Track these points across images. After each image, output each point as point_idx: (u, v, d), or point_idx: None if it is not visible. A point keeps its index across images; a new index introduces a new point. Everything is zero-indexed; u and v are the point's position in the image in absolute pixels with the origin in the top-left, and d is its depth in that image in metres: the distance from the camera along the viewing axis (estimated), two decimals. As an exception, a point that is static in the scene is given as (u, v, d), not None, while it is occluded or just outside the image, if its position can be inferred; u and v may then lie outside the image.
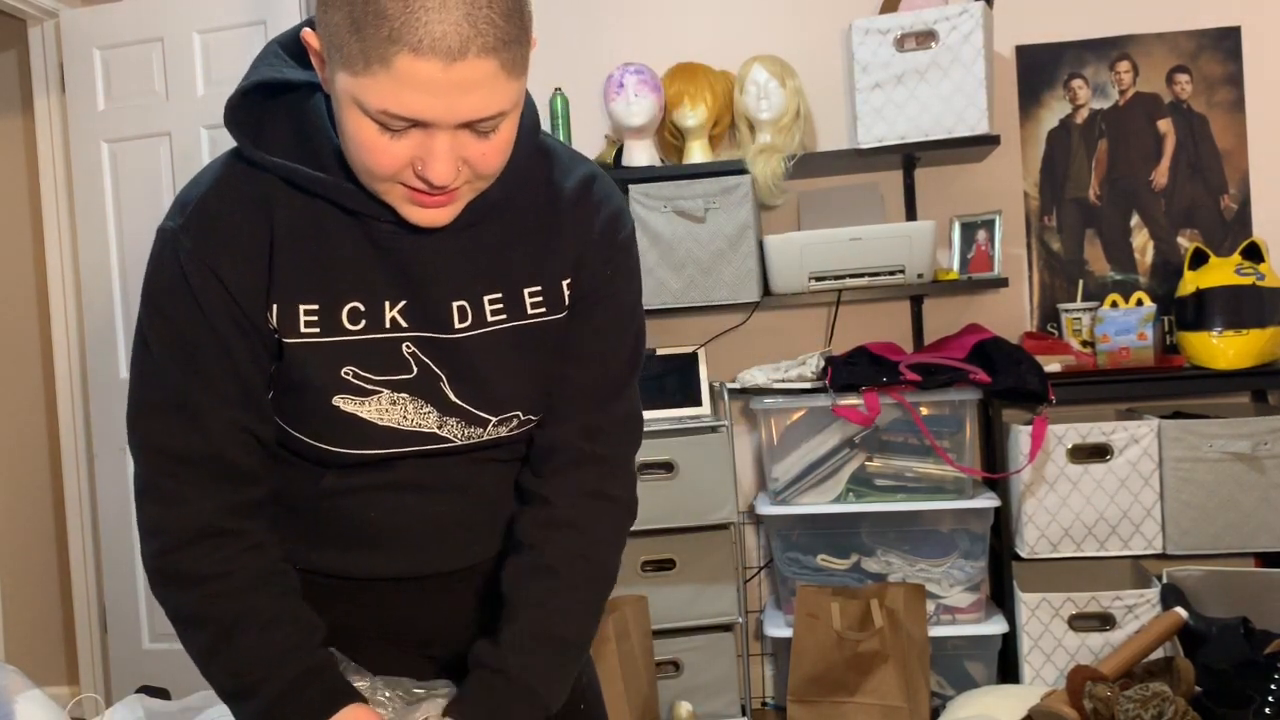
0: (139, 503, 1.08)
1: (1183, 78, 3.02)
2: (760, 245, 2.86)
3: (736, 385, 2.88)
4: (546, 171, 1.11)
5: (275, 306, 1.03)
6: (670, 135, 3.06)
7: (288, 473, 1.14)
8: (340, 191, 1.02)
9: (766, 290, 2.89)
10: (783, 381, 2.80)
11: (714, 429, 2.85)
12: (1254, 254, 2.77)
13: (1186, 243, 3.02)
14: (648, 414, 2.84)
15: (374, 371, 1.06)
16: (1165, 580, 2.67)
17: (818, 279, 2.81)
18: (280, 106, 1.05)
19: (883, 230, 2.79)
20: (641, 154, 2.96)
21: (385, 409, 1.07)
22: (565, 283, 1.11)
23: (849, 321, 3.15)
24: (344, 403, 1.06)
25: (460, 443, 1.11)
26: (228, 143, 3.66)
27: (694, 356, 3.01)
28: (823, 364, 2.78)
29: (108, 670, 3.39)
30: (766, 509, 2.80)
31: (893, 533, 2.79)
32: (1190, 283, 2.78)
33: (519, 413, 1.12)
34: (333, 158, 1.02)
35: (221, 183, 1.05)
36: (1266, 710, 2.25)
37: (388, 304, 1.05)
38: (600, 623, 1.16)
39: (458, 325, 1.07)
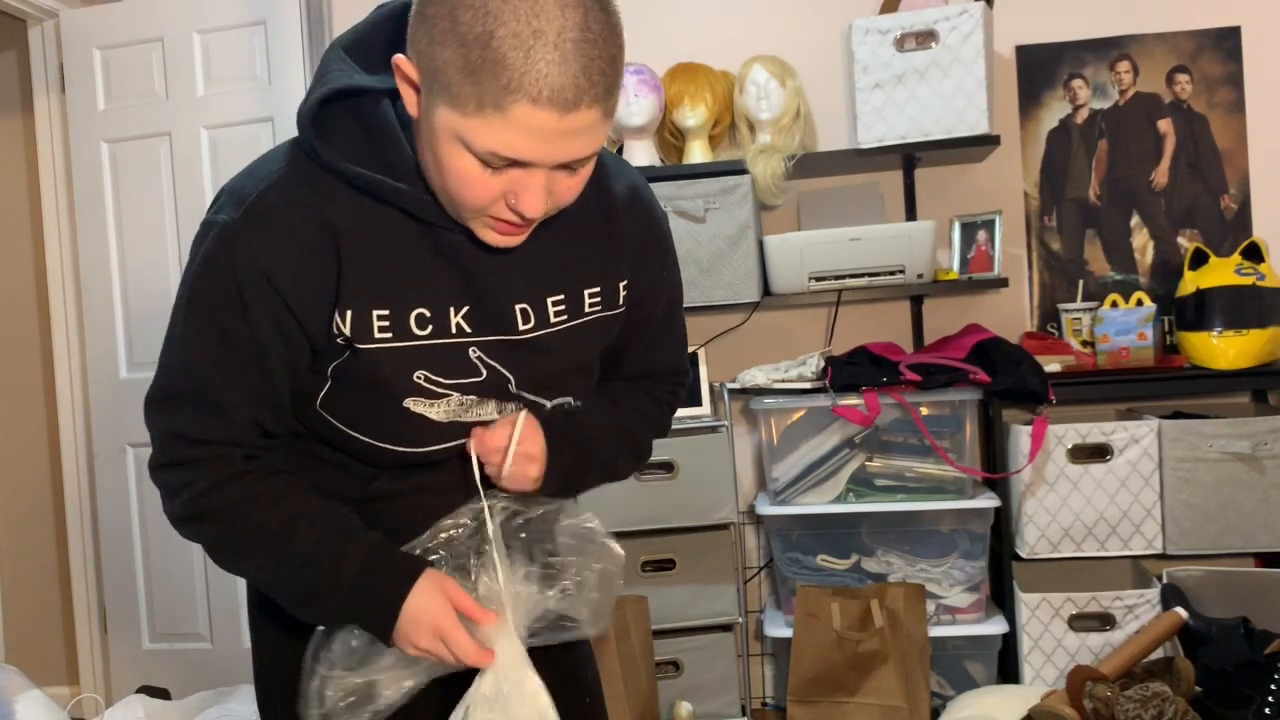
0: (158, 472, 1.10)
1: (1183, 78, 3.02)
2: (760, 245, 2.86)
3: (736, 385, 2.88)
4: (598, 178, 1.16)
5: (349, 313, 1.05)
6: (670, 135, 3.06)
7: (336, 475, 1.16)
8: (419, 204, 1.04)
9: (766, 290, 2.89)
10: (783, 381, 2.80)
11: (714, 429, 2.85)
12: (1254, 254, 2.77)
13: (1186, 243, 3.02)
14: (648, 414, 2.84)
15: (445, 375, 1.09)
16: (1165, 580, 2.67)
17: (818, 279, 2.81)
18: (345, 111, 1.05)
19: (883, 230, 2.79)
20: (641, 154, 2.96)
21: (453, 410, 1.11)
22: (622, 284, 1.19)
23: (849, 321, 3.15)
24: (414, 405, 1.09)
25: None
26: (228, 143, 3.63)
27: (694, 356, 3.01)
28: (823, 364, 2.78)
29: (108, 670, 3.39)
30: (766, 509, 2.79)
31: (893, 533, 2.79)
32: (1190, 283, 2.77)
33: (570, 399, 1.20)
34: (407, 168, 1.03)
35: (284, 181, 1.04)
36: (1266, 710, 2.25)
37: (452, 310, 1.08)
38: (622, 472, 1.31)
39: (522, 327, 1.11)
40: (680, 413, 2.96)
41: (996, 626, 2.72)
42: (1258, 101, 3.01)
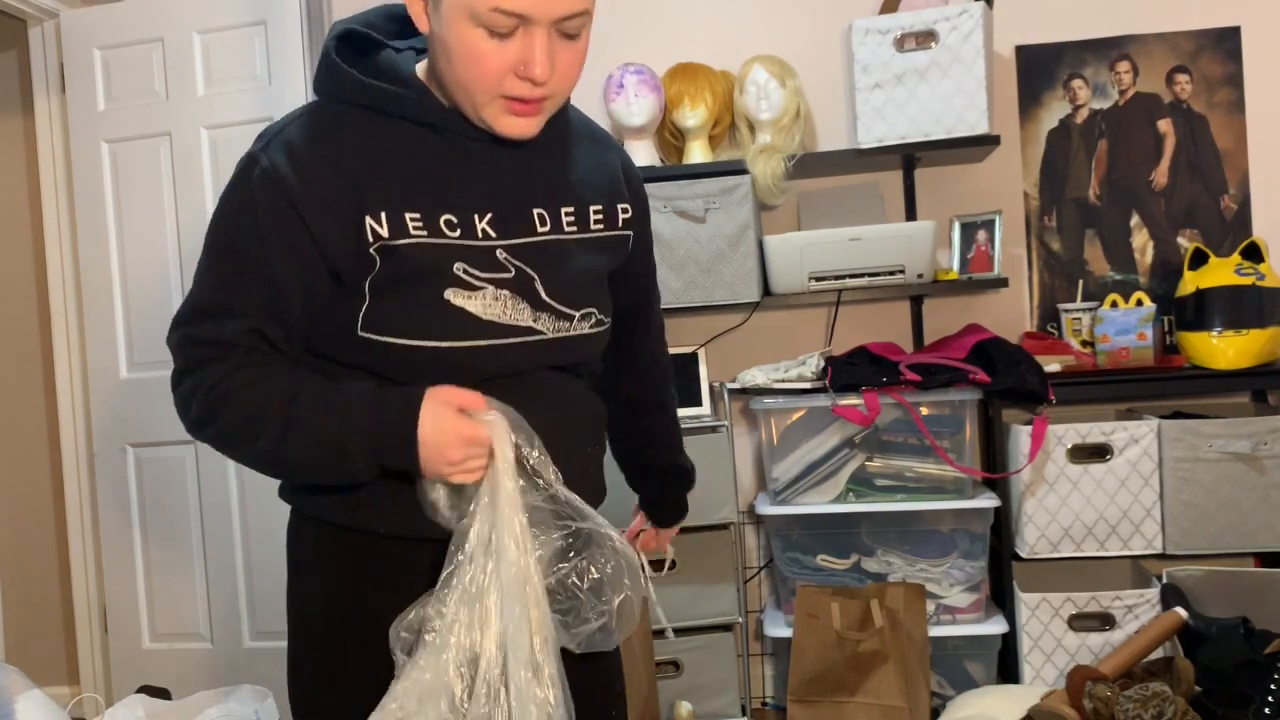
0: (175, 387, 1.19)
1: (1183, 78, 3.02)
2: (760, 245, 2.86)
3: (736, 385, 2.88)
4: (589, 125, 1.35)
5: (383, 214, 1.15)
6: (670, 135, 3.06)
7: None
8: (435, 111, 1.17)
9: (766, 290, 2.89)
10: (783, 381, 2.80)
11: (714, 429, 2.85)
12: (1254, 254, 2.77)
13: (1186, 243, 3.02)
14: (648, 414, 2.84)
15: (480, 270, 1.19)
16: (1165, 580, 2.67)
17: (818, 279, 2.81)
18: (354, 55, 1.20)
19: (883, 230, 2.79)
20: (641, 154, 2.96)
21: (489, 304, 1.19)
22: (620, 205, 1.32)
23: (849, 321, 3.15)
24: (454, 296, 1.17)
25: (551, 335, 1.24)
26: (228, 143, 3.61)
27: (694, 356, 3.01)
28: (823, 364, 2.78)
29: (108, 670, 3.39)
30: (766, 509, 2.79)
31: (893, 533, 2.79)
32: (1190, 283, 2.78)
33: (595, 310, 1.28)
34: (417, 85, 1.18)
35: (306, 115, 1.19)
36: (1266, 710, 2.25)
37: (476, 216, 1.19)
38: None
39: (540, 228, 1.23)
40: (680, 412, 2.96)
41: (996, 626, 2.72)
42: (1258, 101, 3.01)
